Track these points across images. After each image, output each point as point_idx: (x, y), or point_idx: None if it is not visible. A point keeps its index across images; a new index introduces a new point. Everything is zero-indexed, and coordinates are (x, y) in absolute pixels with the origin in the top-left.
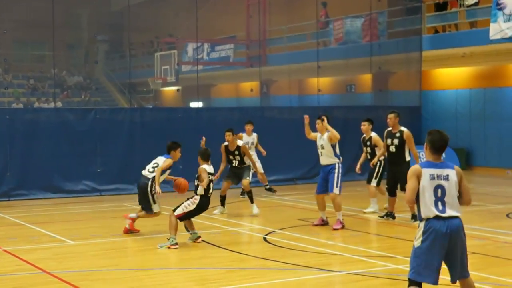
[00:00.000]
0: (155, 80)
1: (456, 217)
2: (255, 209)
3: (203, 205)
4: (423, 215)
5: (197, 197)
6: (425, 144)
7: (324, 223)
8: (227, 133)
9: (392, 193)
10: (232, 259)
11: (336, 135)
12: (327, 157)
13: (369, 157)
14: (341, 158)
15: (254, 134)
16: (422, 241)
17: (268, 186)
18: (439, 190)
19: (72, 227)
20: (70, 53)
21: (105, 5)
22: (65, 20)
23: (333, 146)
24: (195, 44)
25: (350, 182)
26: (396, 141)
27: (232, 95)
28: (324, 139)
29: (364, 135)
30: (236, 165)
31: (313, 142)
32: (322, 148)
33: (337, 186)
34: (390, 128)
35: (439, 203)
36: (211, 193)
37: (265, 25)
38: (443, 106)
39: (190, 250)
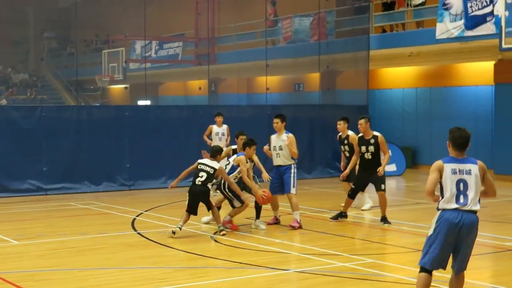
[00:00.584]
0: (103, 78)
1: (474, 212)
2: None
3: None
4: (441, 206)
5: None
6: (448, 141)
7: (277, 221)
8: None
9: (353, 195)
10: (180, 258)
11: (295, 153)
12: (283, 158)
13: (347, 155)
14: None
15: (225, 126)
16: (434, 230)
17: None
18: (461, 184)
19: (17, 227)
20: (15, 49)
21: (52, 1)
22: (10, 16)
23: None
24: (143, 41)
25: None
26: (372, 148)
27: (180, 93)
28: (284, 141)
29: (341, 134)
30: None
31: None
32: (280, 149)
33: (293, 187)
34: (361, 134)
35: (461, 197)
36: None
37: (214, 23)
38: (390, 105)
39: (137, 249)
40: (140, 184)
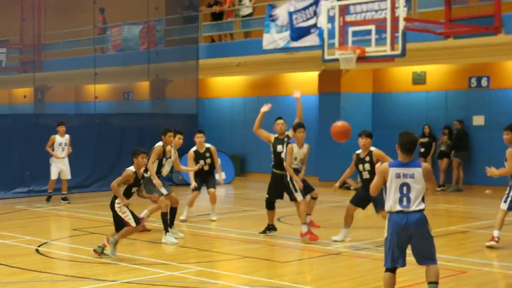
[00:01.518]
0: None
1: (419, 210)
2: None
3: None
4: (387, 209)
5: None
6: (396, 145)
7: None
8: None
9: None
10: (1, 272)
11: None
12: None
13: (368, 176)
14: None
15: (67, 135)
16: (387, 232)
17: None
18: (405, 188)
19: None
20: None
21: None
22: None
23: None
24: None
25: None
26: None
27: (4, 101)
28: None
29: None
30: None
31: (108, 150)
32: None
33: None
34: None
35: (404, 199)
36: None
37: (40, 30)
38: (219, 114)
39: None
40: None
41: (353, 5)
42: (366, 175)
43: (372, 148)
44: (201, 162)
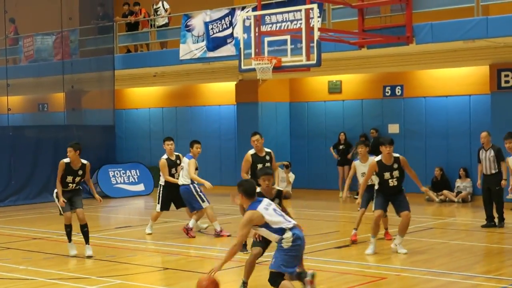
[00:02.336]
0: None
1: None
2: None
3: None
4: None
5: None
6: (240, 194)
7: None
8: None
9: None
10: None
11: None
12: None
13: (395, 183)
14: None
15: None
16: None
17: None
18: (277, 211)
19: None
20: None
21: None
22: None
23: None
24: None
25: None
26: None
27: None
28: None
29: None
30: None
31: (23, 163)
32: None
33: None
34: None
35: (286, 217)
36: None
37: None
38: (137, 125)
39: None
40: None
41: (268, 16)
42: (393, 182)
43: (396, 154)
44: (173, 170)
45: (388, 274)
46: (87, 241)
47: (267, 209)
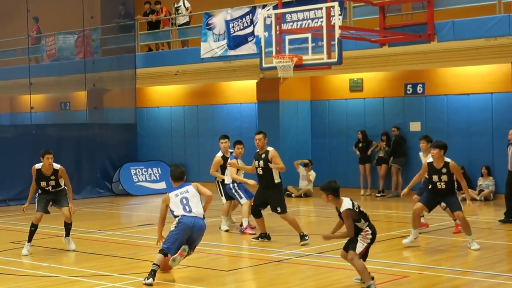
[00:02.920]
0: None
1: (201, 217)
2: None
3: None
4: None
5: None
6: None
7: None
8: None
9: (257, 214)
10: None
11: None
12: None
13: (444, 186)
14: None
15: None
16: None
17: None
18: (184, 200)
19: None
20: None
21: None
22: None
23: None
24: None
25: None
26: (261, 163)
27: None
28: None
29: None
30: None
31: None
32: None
33: None
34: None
35: (186, 207)
36: None
37: None
38: (158, 123)
39: None
40: None
41: (289, 14)
42: (441, 185)
43: (448, 159)
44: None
45: (410, 272)
46: (67, 234)
47: (177, 195)
